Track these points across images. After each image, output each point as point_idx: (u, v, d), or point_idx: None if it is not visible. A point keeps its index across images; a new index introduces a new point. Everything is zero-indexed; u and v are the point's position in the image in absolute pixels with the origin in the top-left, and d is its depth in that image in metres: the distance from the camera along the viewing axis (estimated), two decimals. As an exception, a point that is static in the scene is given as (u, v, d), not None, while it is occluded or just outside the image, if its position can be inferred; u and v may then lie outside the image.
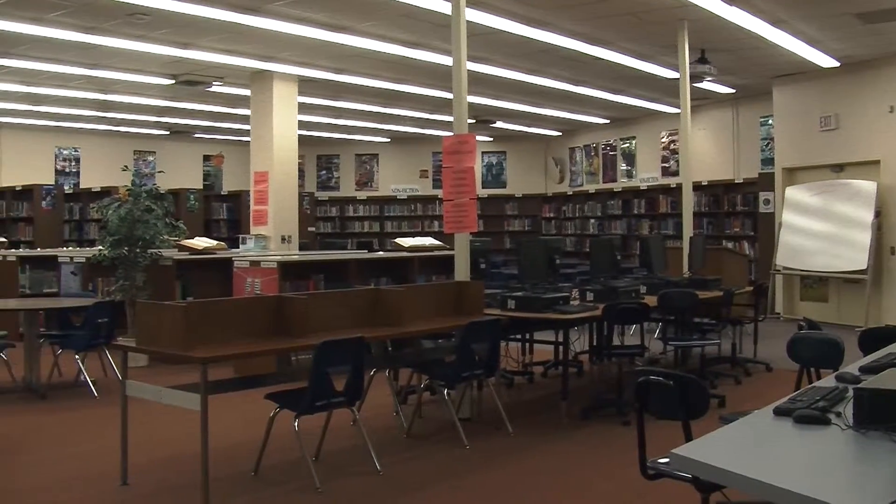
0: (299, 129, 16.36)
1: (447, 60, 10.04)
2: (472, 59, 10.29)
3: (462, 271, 8.68)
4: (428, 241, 13.35)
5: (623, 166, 22.68)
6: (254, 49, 13.93)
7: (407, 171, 26.35)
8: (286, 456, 6.64)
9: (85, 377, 9.72)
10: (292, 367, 9.18)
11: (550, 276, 9.22)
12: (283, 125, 15.80)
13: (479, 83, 15.53)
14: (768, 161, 17.87)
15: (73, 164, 23.58)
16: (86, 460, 7.07)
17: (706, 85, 15.25)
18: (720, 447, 2.96)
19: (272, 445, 6.39)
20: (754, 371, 10.74)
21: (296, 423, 6.09)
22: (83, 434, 8.10)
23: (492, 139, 25.43)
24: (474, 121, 20.39)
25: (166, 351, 6.04)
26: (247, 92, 16.31)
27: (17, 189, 19.39)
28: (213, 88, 16.89)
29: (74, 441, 7.85)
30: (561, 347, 8.69)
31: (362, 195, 26.46)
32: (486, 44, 12.95)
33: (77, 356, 9.88)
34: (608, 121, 22.45)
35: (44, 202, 18.51)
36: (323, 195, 26.25)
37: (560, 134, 24.63)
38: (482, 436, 7.64)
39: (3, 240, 16.16)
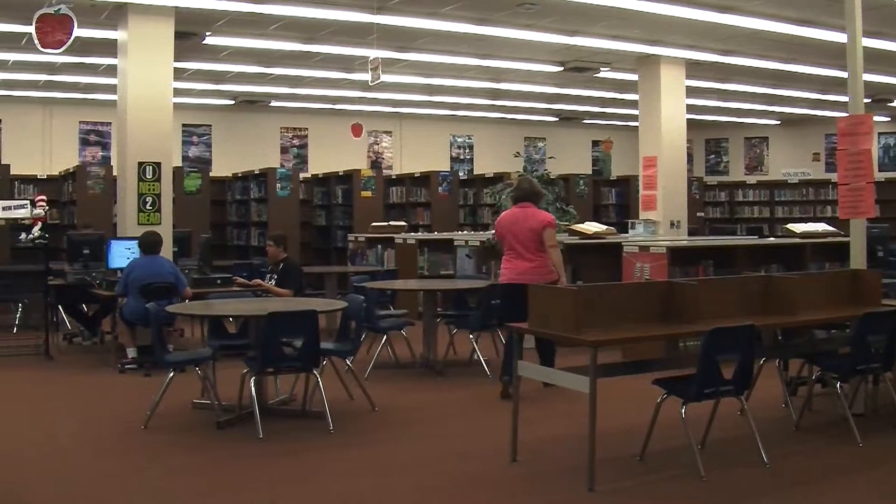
0: (687, 112, 16.19)
1: (841, 37, 9.58)
2: (867, 34, 9.74)
3: (858, 259, 8.29)
4: (821, 227, 12.82)
5: None
6: (641, 33, 13.92)
7: (798, 154, 25.42)
8: (671, 442, 6.60)
9: (478, 356, 10.10)
10: (680, 354, 9.12)
11: (956, 265, 8.64)
12: (670, 109, 15.69)
13: (875, 60, 14.69)
14: None
15: (467, 151, 24.53)
16: (478, 436, 7.36)
17: None
18: None
19: (658, 431, 6.38)
20: None
21: (682, 410, 6.05)
22: (476, 411, 8.42)
23: (889, 119, 24.01)
24: (870, 100, 19.34)
25: (558, 333, 6.17)
26: (634, 77, 16.31)
27: (416, 175, 20.38)
28: (601, 74, 17.03)
29: (468, 417, 8.19)
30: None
31: (752, 179, 25.80)
32: (883, 17, 12.26)
33: (471, 336, 10.28)
34: None
35: (440, 188, 19.35)
36: (711, 180, 25.85)
37: (966, 111, 22.91)
38: (876, 433, 7.26)
39: (404, 224, 17.02)
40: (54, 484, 6.12)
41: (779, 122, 25.21)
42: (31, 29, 10.15)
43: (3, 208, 12.24)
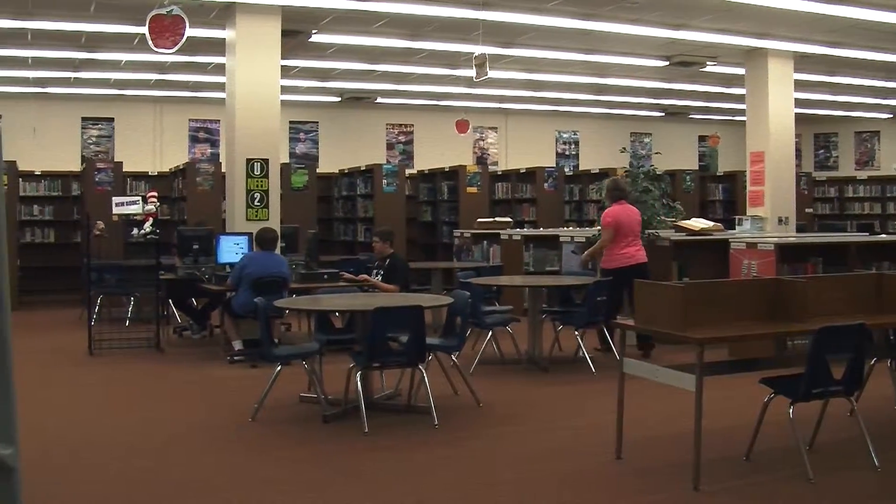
0: (795, 106, 15.93)
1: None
2: None
3: (975, 256, 8.08)
4: (936, 223, 12.53)
5: None
6: (748, 27, 13.74)
7: (911, 148, 24.85)
8: (778, 443, 6.51)
9: (584, 353, 10.07)
10: (788, 352, 8.98)
11: None
12: (778, 103, 15.45)
13: None
14: None
15: (573, 146, 24.44)
16: (582, 432, 7.35)
17: None
18: None
19: (765, 431, 6.29)
20: None
21: (790, 410, 5.96)
22: (581, 407, 8.42)
23: None
24: None
25: (663, 330, 6.13)
26: (741, 70, 16.11)
27: (522, 171, 20.35)
28: (707, 68, 16.84)
29: (572, 413, 8.19)
30: None
31: (862, 175, 25.20)
32: None
33: (576, 332, 10.26)
34: None
35: (546, 184, 19.30)
36: (821, 175, 25.34)
37: None
38: None
39: (509, 220, 17.04)
40: (165, 473, 6.29)
41: (891, 116, 24.62)
42: (145, 30, 10.40)
43: (117, 204, 12.54)
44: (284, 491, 5.87)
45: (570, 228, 17.06)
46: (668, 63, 16.22)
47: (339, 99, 20.91)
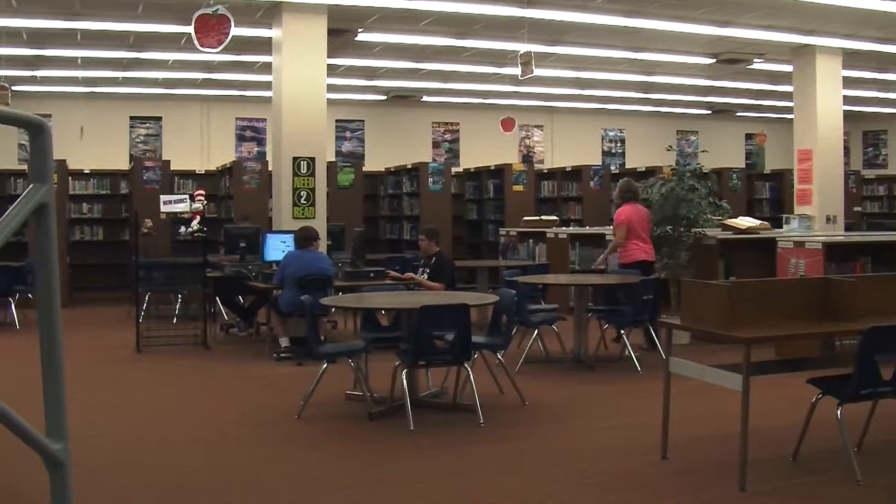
0: (844, 103, 15.77)
1: None
2: None
3: None
4: None
5: None
6: (796, 23, 13.63)
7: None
8: (826, 444, 6.43)
9: (629, 351, 10.04)
10: (836, 352, 8.89)
11: None
12: (826, 101, 15.31)
13: None
14: None
15: (619, 144, 24.35)
16: (628, 432, 7.32)
17: None
18: None
19: (812, 432, 6.23)
20: None
21: (838, 411, 5.89)
22: (626, 407, 8.39)
23: None
24: None
25: (710, 329, 6.09)
26: (788, 68, 15.98)
27: (567, 170, 20.30)
28: (754, 65, 16.72)
29: (617, 413, 8.17)
30: None
31: (913, 172, 24.97)
32: None
33: (622, 331, 10.23)
34: None
35: (591, 182, 19.23)
36: (869, 173, 25.06)
37: None
38: None
39: (555, 218, 17.01)
40: (212, 469, 6.35)
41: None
42: (191, 29, 10.48)
43: (165, 202, 12.65)
44: (328, 488, 5.91)
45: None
46: (714, 60, 16.13)
47: (385, 97, 20.98)
